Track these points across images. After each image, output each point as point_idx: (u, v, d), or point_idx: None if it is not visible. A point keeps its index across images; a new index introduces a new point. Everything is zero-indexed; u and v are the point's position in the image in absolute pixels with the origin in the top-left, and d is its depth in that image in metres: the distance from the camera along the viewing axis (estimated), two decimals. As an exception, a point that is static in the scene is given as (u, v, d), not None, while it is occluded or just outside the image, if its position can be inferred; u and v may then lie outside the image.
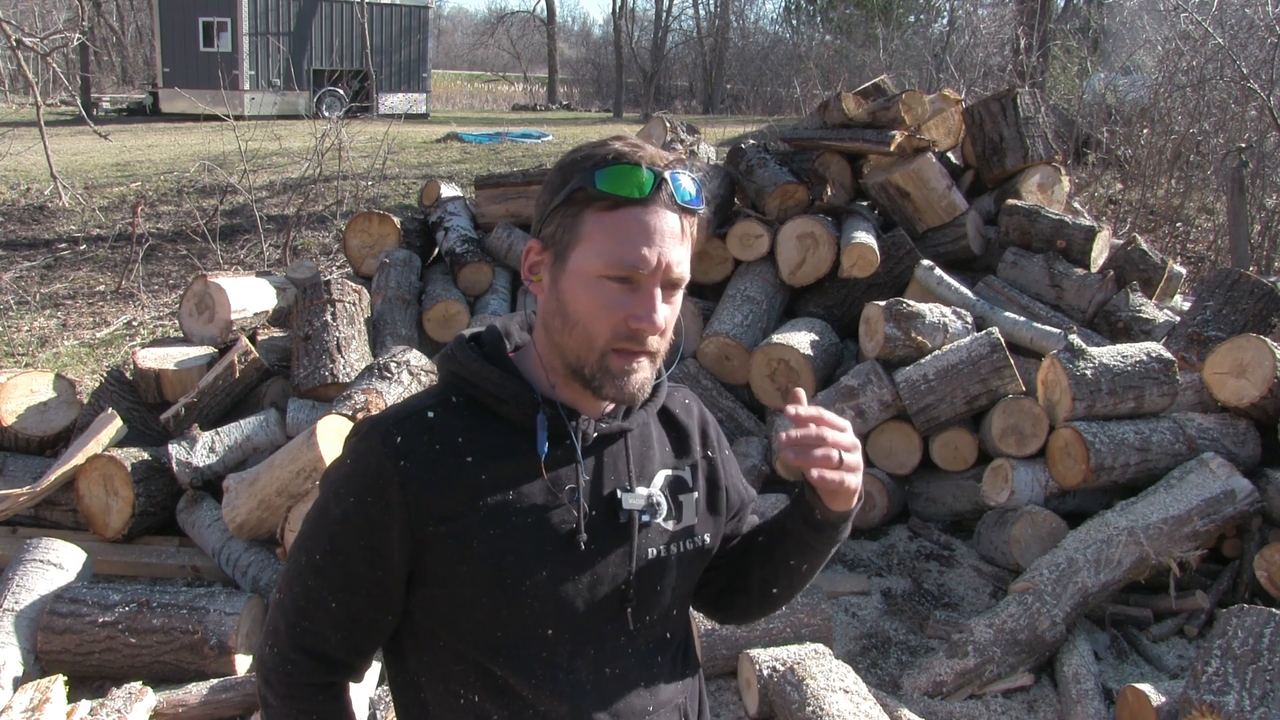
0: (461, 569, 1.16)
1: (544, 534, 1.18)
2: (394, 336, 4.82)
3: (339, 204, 10.19)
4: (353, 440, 1.21)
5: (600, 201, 1.13)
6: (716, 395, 4.68)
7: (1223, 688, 2.60)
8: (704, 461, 1.36)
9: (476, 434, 1.19)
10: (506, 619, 1.18)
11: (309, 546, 1.21)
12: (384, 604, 1.20)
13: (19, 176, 11.75)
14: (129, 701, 2.77)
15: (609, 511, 1.23)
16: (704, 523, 1.33)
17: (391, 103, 22.34)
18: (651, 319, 1.14)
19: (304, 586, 1.21)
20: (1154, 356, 3.88)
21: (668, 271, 1.15)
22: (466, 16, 70.56)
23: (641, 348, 1.16)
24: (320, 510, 1.21)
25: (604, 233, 1.13)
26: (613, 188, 1.13)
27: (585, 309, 1.15)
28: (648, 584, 1.25)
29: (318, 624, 1.20)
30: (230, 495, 3.67)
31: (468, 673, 1.21)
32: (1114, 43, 14.73)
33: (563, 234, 1.16)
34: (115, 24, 32.12)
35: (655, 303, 1.14)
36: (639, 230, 1.13)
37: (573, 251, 1.15)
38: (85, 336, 7.19)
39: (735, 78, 30.05)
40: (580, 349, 1.17)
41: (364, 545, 1.17)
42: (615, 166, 1.13)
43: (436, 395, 1.23)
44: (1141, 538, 3.43)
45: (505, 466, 1.19)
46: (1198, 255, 9.19)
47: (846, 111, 5.25)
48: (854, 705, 2.71)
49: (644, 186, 1.13)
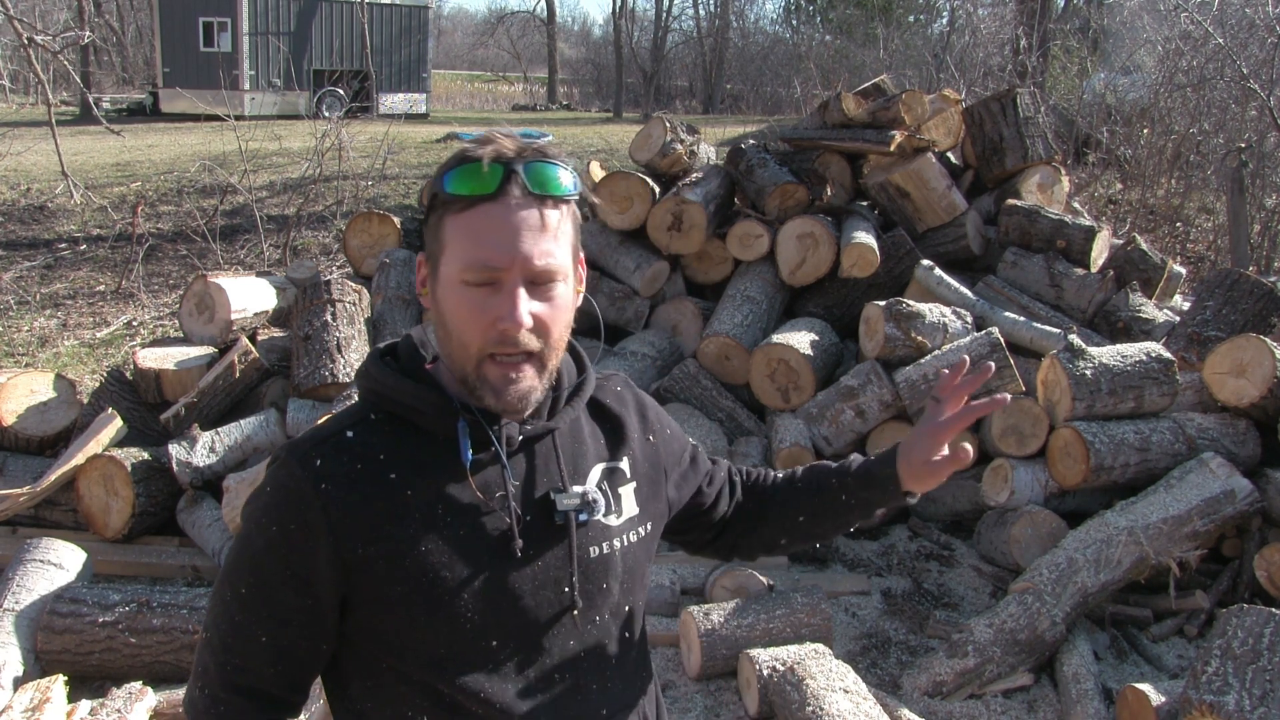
0: (395, 589, 1.12)
1: (477, 544, 1.15)
2: (394, 336, 4.78)
3: (339, 204, 10.19)
4: (272, 467, 1.17)
5: (453, 205, 1.11)
6: (716, 395, 4.68)
7: (1223, 687, 2.60)
8: (643, 447, 1.33)
9: (397, 450, 1.16)
10: (447, 635, 1.14)
11: (233, 580, 1.16)
12: (316, 633, 1.16)
13: (19, 176, 11.74)
14: (129, 701, 2.77)
15: (544, 514, 1.19)
16: (646, 510, 1.31)
17: (391, 103, 22.33)
18: (514, 317, 1.09)
19: (231, 622, 1.16)
20: (1154, 356, 3.88)
21: (527, 265, 1.10)
22: (466, 16, 70.57)
23: (515, 349, 1.11)
24: (243, 541, 1.16)
25: (460, 236, 1.11)
26: (460, 188, 1.10)
27: (455, 316, 1.12)
28: (592, 584, 1.22)
29: (249, 660, 1.16)
30: (230, 495, 3.67)
31: (414, 694, 1.17)
32: (1114, 43, 14.72)
33: (432, 244, 1.15)
34: (115, 24, 32.11)
35: (516, 300, 1.09)
36: (490, 228, 1.09)
37: (441, 260, 1.13)
38: (85, 336, 7.19)
39: (735, 78, 30.03)
40: (460, 358, 1.14)
41: (290, 574, 1.13)
42: (461, 167, 1.11)
43: (354, 414, 1.19)
44: (1141, 538, 3.43)
45: (430, 480, 1.15)
46: (1198, 255, 9.19)
47: (846, 111, 5.25)
48: (854, 705, 2.71)
49: (490, 182, 1.09)
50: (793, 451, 4.21)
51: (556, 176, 1.12)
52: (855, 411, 4.31)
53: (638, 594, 1.31)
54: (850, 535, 4.28)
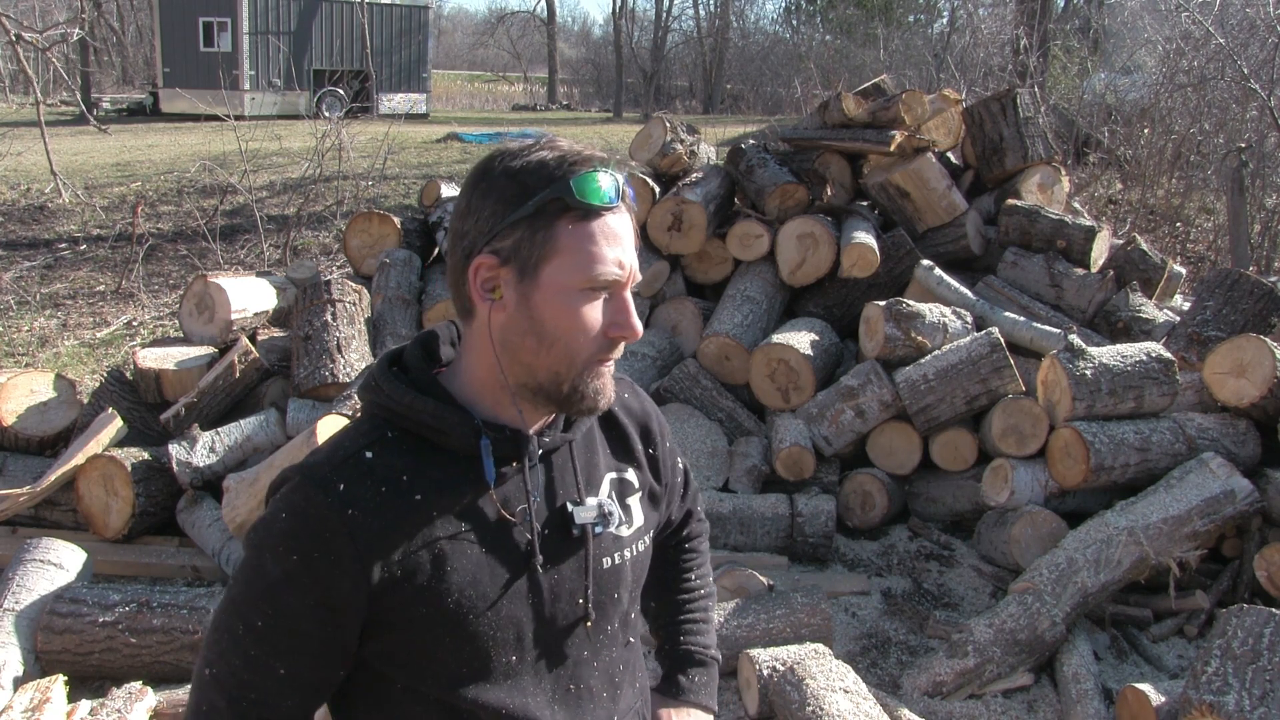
0: (420, 611, 1.10)
1: (500, 563, 1.14)
2: (394, 336, 4.82)
3: (339, 204, 10.19)
4: (285, 492, 1.10)
5: (574, 212, 1.08)
6: (716, 395, 4.68)
7: (1222, 687, 2.60)
8: (647, 458, 1.34)
9: (419, 469, 1.13)
10: (469, 654, 1.13)
11: (245, 613, 1.09)
12: (335, 660, 1.13)
13: (19, 176, 11.75)
14: (129, 701, 2.77)
15: (561, 527, 1.19)
16: (649, 520, 1.33)
17: (392, 103, 22.36)
18: (631, 326, 1.11)
19: (245, 657, 1.09)
20: (1154, 356, 3.88)
21: (634, 275, 1.13)
22: (466, 16, 70.57)
23: (616, 356, 1.15)
24: (254, 572, 1.09)
25: (580, 244, 1.09)
26: (592, 197, 1.08)
27: (567, 325, 1.10)
28: (605, 594, 1.22)
29: (266, 694, 1.10)
30: (230, 495, 3.67)
31: (428, 711, 1.15)
32: (1114, 43, 14.72)
33: (530, 248, 1.09)
34: (115, 24, 32.11)
35: (632, 310, 1.12)
36: (613, 238, 1.10)
37: (546, 265, 1.09)
38: (85, 336, 7.19)
39: (735, 78, 30.04)
40: (559, 366, 1.12)
41: (312, 604, 1.07)
42: (588, 174, 1.09)
43: (369, 432, 1.15)
44: (1141, 538, 3.43)
45: (454, 499, 1.13)
46: (1198, 255, 9.19)
47: (846, 111, 5.25)
48: (854, 705, 2.71)
49: (614, 193, 1.10)
50: (792, 451, 4.21)
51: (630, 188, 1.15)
52: (855, 411, 4.31)
53: (639, 600, 1.33)
54: (850, 535, 4.28)
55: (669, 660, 1.50)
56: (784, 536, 4.00)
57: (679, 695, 1.46)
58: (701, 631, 1.51)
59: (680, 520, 1.52)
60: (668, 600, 1.52)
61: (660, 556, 1.52)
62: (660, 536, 1.48)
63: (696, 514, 1.55)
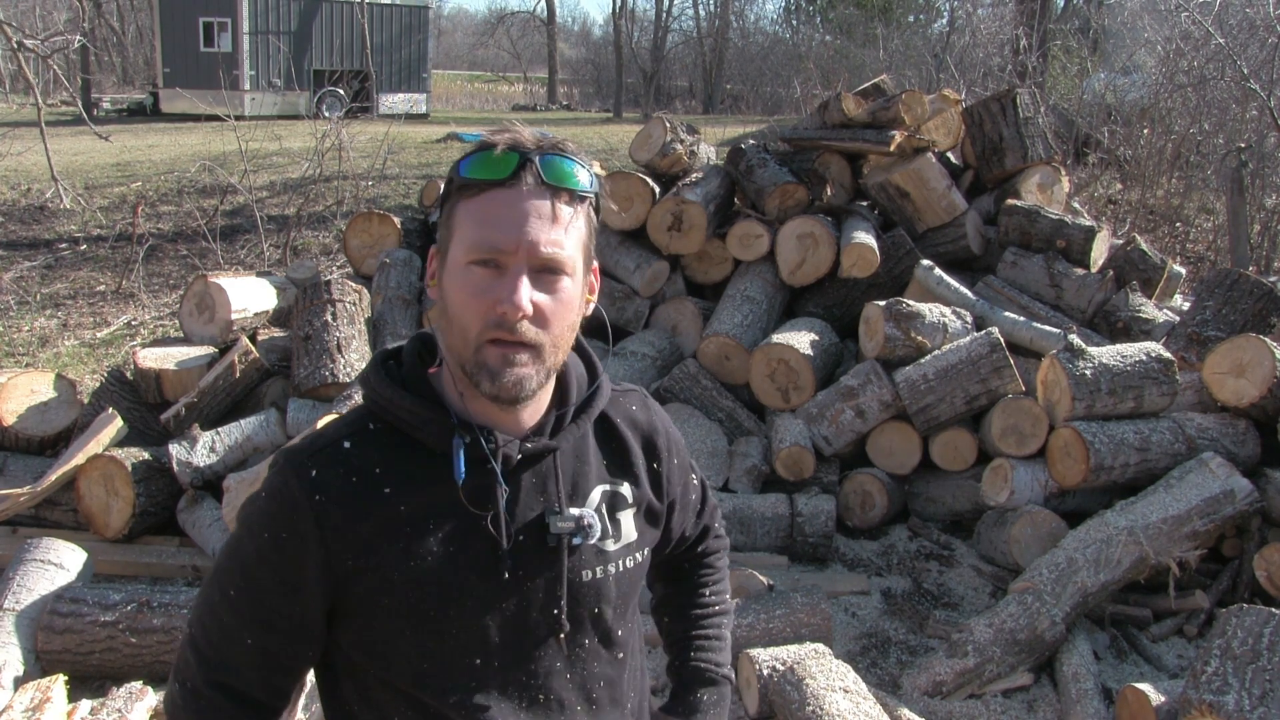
0: (383, 602, 1.13)
1: (466, 564, 1.15)
2: (394, 336, 4.82)
3: (339, 204, 10.19)
4: (270, 473, 1.17)
5: (467, 189, 1.12)
6: (716, 395, 4.68)
7: (1222, 687, 2.60)
8: (648, 473, 1.31)
9: (394, 463, 1.15)
10: (432, 651, 1.15)
11: (222, 581, 1.17)
12: (301, 640, 1.17)
13: (19, 176, 11.74)
14: (129, 701, 2.77)
15: (537, 536, 1.18)
16: (644, 537, 1.30)
17: (392, 103, 22.34)
18: (513, 300, 1.07)
19: (217, 622, 1.17)
20: (1154, 356, 3.88)
21: (533, 251, 1.09)
22: (466, 16, 70.55)
23: (514, 337, 1.09)
24: (235, 544, 1.17)
25: (469, 219, 1.11)
26: (475, 173, 1.11)
27: (457, 299, 1.11)
28: (583, 608, 1.21)
29: (232, 660, 1.16)
30: (231, 495, 3.67)
31: (400, 702, 1.17)
32: (1114, 43, 14.72)
33: (443, 231, 1.15)
34: (115, 24, 32.11)
35: (518, 284, 1.08)
36: (499, 211, 1.10)
37: (450, 246, 1.14)
38: (85, 336, 7.19)
39: (735, 78, 30.02)
40: (459, 344, 1.12)
41: (279, 581, 1.13)
42: (479, 154, 1.11)
43: (353, 423, 1.19)
44: (1141, 537, 3.44)
45: (424, 496, 1.15)
46: (1198, 255, 9.19)
47: (846, 112, 5.25)
48: (854, 705, 2.72)
49: (505, 167, 1.10)
50: (792, 451, 4.21)
51: (572, 171, 1.12)
52: (855, 411, 4.31)
53: (630, 617, 1.31)
54: (850, 535, 4.28)
55: (679, 677, 1.47)
56: (784, 536, 4.01)
57: (688, 715, 1.43)
58: (714, 649, 1.48)
59: (696, 536, 1.49)
60: (681, 616, 1.50)
61: (675, 572, 1.51)
62: (674, 552, 1.46)
63: (715, 530, 1.52)
